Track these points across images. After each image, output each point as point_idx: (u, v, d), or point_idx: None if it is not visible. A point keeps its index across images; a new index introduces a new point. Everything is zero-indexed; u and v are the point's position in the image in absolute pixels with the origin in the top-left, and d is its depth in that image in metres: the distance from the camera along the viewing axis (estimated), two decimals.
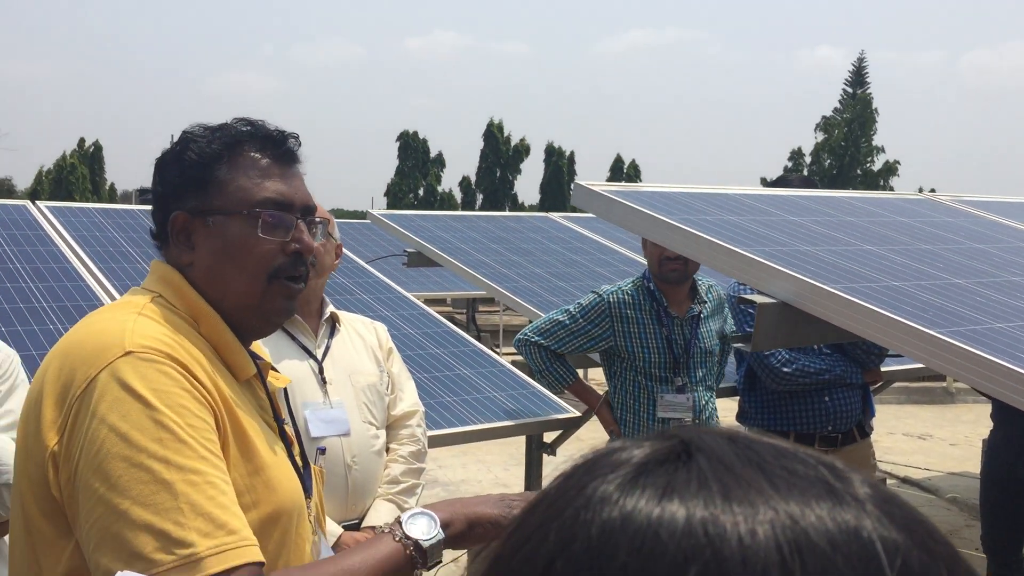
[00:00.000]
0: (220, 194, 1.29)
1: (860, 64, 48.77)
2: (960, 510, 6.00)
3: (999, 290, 2.16)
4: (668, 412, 3.17)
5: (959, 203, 3.24)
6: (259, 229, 1.29)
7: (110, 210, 4.47)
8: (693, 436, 0.43)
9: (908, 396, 9.36)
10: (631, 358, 3.20)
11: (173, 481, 1.06)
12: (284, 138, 1.35)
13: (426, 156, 44.26)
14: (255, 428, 1.24)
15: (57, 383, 1.16)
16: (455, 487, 6.39)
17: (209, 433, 1.14)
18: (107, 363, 1.12)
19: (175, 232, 1.31)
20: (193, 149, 1.31)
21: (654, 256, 3.17)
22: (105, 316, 1.24)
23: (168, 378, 1.13)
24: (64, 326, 3.23)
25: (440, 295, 9.38)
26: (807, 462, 0.42)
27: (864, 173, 46.13)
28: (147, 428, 1.08)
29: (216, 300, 1.30)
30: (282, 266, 1.31)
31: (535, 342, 3.29)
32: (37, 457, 1.15)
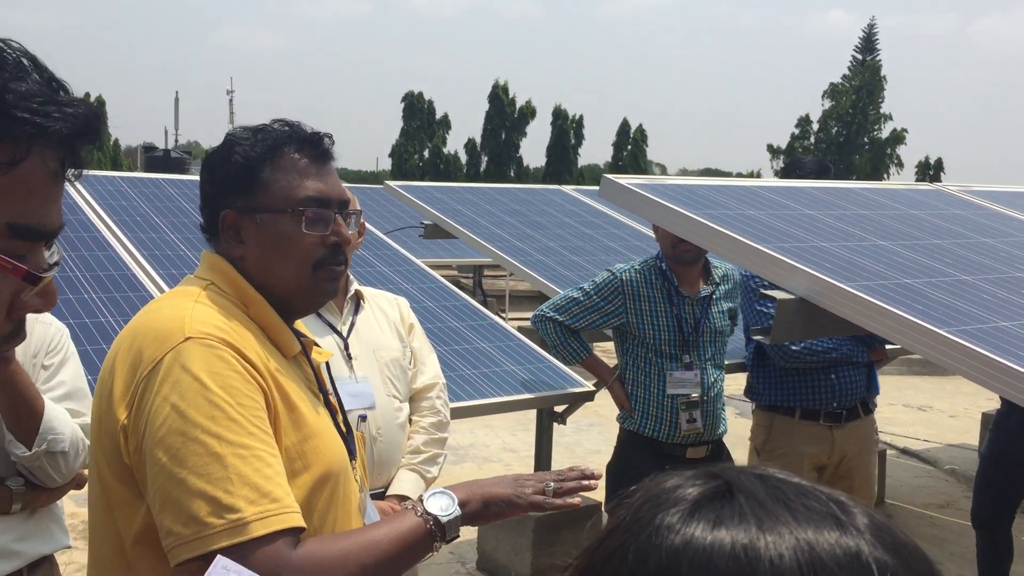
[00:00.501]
0: (266, 193, 1.43)
1: (871, 30, 48.31)
2: (958, 481, 6.13)
3: (1005, 287, 2.26)
4: (677, 388, 3.29)
5: (968, 194, 3.33)
6: (303, 225, 1.43)
7: (135, 179, 4.56)
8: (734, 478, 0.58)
9: (909, 368, 9.49)
10: (641, 335, 3.32)
11: (224, 454, 1.21)
12: (320, 139, 1.49)
13: (431, 117, 44.02)
14: (303, 399, 1.39)
15: (126, 364, 1.31)
16: (463, 451, 6.53)
17: (258, 411, 1.28)
18: (170, 348, 1.27)
19: (225, 228, 1.45)
20: (239, 152, 1.45)
21: (667, 238, 3.26)
22: (168, 303, 1.38)
23: (222, 361, 1.28)
24: (98, 295, 3.34)
25: (450, 261, 9.48)
26: (820, 499, 0.57)
27: (871, 141, 45.90)
28: (202, 407, 1.23)
29: (267, 287, 1.44)
30: (324, 257, 1.45)
31: (551, 317, 3.42)
32: (110, 429, 1.30)
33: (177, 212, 4.19)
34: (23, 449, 2.08)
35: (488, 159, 44.04)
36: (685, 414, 3.29)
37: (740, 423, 7.35)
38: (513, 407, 3.60)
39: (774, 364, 3.55)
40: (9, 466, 2.14)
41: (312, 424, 1.37)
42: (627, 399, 3.39)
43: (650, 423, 3.33)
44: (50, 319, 2.33)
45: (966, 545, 4.85)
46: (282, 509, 1.22)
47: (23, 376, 2.08)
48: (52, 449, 2.10)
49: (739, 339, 4.09)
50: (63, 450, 2.13)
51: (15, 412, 2.07)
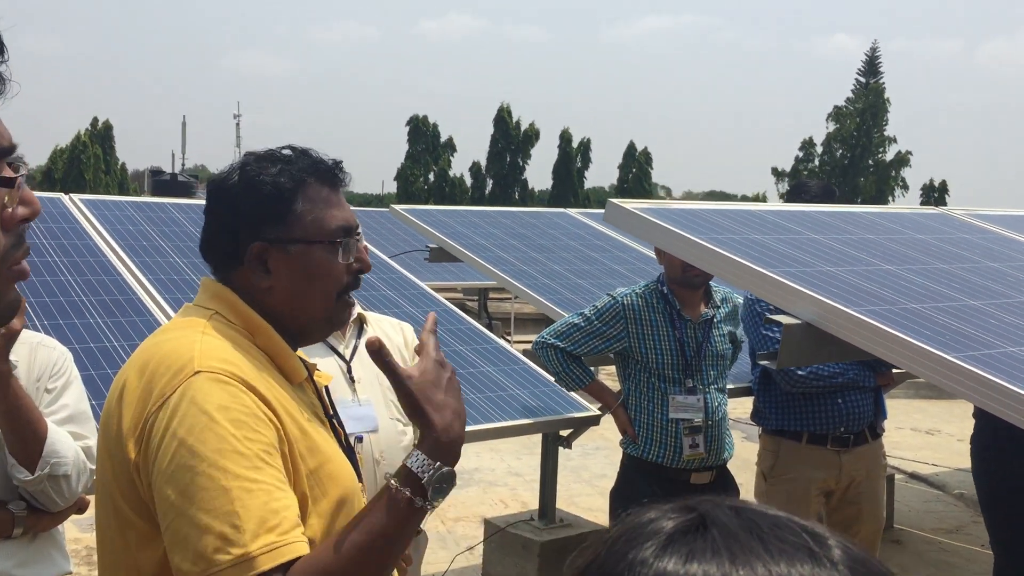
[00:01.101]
0: (299, 225, 1.44)
1: (873, 53, 48.49)
2: (967, 506, 6.08)
3: (1012, 312, 2.25)
4: (679, 413, 3.27)
5: (974, 218, 3.32)
6: (339, 256, 1.45)
7: (141, 203, 4.58)
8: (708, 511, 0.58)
9: (917, 391, 9.44)
10: (644, 360, 3.30)
11: (230, 488, 1.21)
12: (338, 167, 1.51)
13: (436, 141, 44.21)
14: (314, 426, 1.39)
15: (135, 398, 1.30)
16: (468, 475, 6.51)
17: (267, 446, 1.27)
18: (180, 383, 1.27)
19: (251, 259, 1.44)
20: (268, 183, 1.44)
21: (675, 264, 3.25)
22: (175, 335, 1.37)
23: (232, 396, 1.28)
24: (104, 320, 3.34)
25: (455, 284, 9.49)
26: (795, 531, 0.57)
27: (876, 164, 45.95)
28: (209, 441, 1.23)
29: (291, 317, 1.45)
30: (349, 284, 1.48)
31: (551, 344, 3.40)
32: (122, 463, 1.30)
33: (183, 236, 4.20)
34: (26, 473, 2.08)
35: (493, 182, 44.17)
36: (688, 439, 3.26)
37: (747, 447, 7.31)
38: (518, 431, 3.59)
39: (780, 388, 3.54)
40: (11, 490, 2.14)
41: (325, 449, 1.38)
42: (630, 424, 3.37)
43: (653, 448, 3.31)
44: (54, 343, 2.34)
45: (975, 571, 4.80)
46: (289, 540, 1.22)
47: (26, 399, 2.08)
48: (55, 473, 2.10)
49: (745, 363, 4.07)
50: (66, 474, 2.12)
51: (18, 435, 2.07)
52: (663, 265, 3.37)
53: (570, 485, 6.05)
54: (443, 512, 5.63)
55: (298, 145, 1.51)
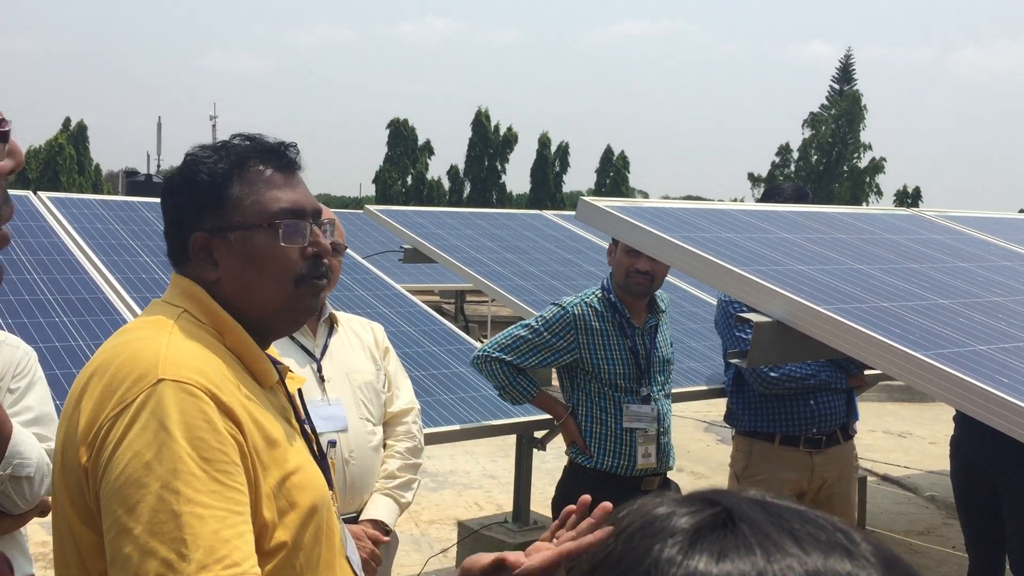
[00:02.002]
0: (237, 210, 1.36)
1: (847, 61, 48.95)
2: (938, 508, 6.12)
3: (981, 311, 2.26)
4: (634, 423, 3.17)
5: (944, 219, 3.34)
6: (280, 239, 1.36)
7: (110, 202, 4.53)
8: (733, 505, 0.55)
9: (889, 394, 9.51)
10: (596, 370, 3.19)
11: (181, 512, 1.14)
12: (285, 149, 1.42)
13: (415, 144, 44.16)
14: (282, 434, 1.32)
15: (92, 400, 1.23)
16: (443, 478, 6.47)
17: (226, 464, 1.20)
18: (141, 390, 1.20)
19: (196, 251, 1.37)
20: (203, 171, 1.37)
21: (622, 266, 3.16)
22: (140, 335, 1.30)
23: (194, 408, 1.20)
24: (69, 319, 3.29)
25: (432, 287, 9.45)
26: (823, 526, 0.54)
27: (851, 170, 46.36)
28: (165, 459, 1.16)
29: (247, 310, 1.37)
30: (304, 270, 1.38)
31: (496, 357, 3.23)
32: (73, 469, 1.23)
33: (153, 235, 4.15)
34: None
35: (471, 186, 44.18)
36: (642, 448, 3.18)
37: (721, 449, 7.33)
38: (490, 432, 3.57)
39: (753, 390, 3.54)
40: None
41: (293, 459, 1.31)
42: (580, 435, 3.25)
43: (607, 458, 3.20)
44: (17, 342, 2.29)
45: (947, 573, 4.83)
46: (238, 574, 1.15)
47: None
48: (17, 474, 2.05)
49: (719, 364, 4.08)
50: (28, 475, 2.08)
51: None
52: (611, 266, 3.27)
53: (544, 487, 6.03)
54: (417, 514, 5.60)
55: (249, 133, 1.43)
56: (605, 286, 3.27)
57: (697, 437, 8.00)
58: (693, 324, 4.61)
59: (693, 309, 4.83)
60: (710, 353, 4.34)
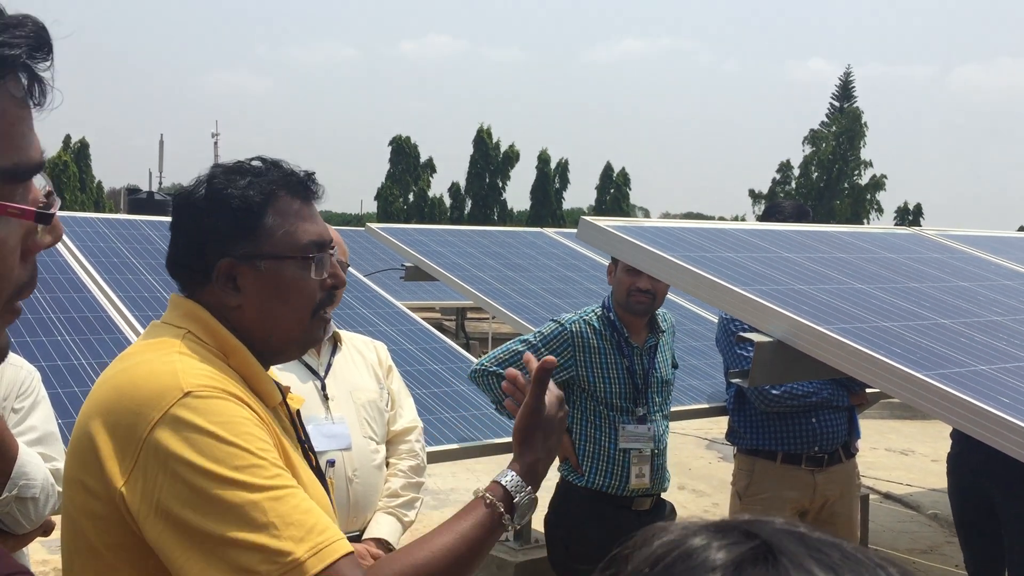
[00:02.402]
0: (269, 240, 1.38)
1: (847, 78, 49.16)
2: (941, 526, 6.11)
3: (982, 331, 2.26)
4: (629, 443, 3.15)
5: (945, 238, 3.35)
6: (312, 272, 1.39)
7: (113, 220, 4.54)
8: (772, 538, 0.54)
9: (891, 411, 9.49)
10: (592, 388, 3.17)
11: (259, 500, 1.16)
12: (310, 179, 1.45)
13: (417, 161, 44.30)
14: (293, 452, 1.34)
15: (116, 424, 1.22)
16: (444, 496, 6.46)
17: (274, 452, 1.24)
18: (170, 405, 1.20)
19: (219, 276, 1.37)
20: (235, 196, 1.38)
21: (623, 285, 3.16)
22: (149, 357, 1.29)
23: (228, 410, 1.22)
24: (72, 338, 3.30)
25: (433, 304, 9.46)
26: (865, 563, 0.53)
27: (851, 187, 46.45)
28: (222, 458, 1.17)
29: (263, 337, 1.39)
30: (322, 301, 1.42)
31: (493, 371, 3.22)
32: (102, 496, 1.21)
33: (155, 253, 4.16)
34: None
35: (472, 202, 44.27)
36: (636, 468, 3.15)
37: (723, 467, 7.31)
38: (494, 451, 3.57)
39: (755, 408, 3.54)
40: None
41: (303, 477, 1.32)
42: (574, 452, 3.23)
43: (599, 477, 3.18)
44: (20, 362, 2.30)
45: None
46: (330, 539, 1.18)
47: None
48: (23, 495, 2.05)
49: (721, 383, 4.08)
50: (34, 496, 2.08)
51: None
52: (612, 285, 3.27)
53: (546, 506, 6.01)
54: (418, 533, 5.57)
55: (269, 156, 1.44)
56: (605, 304, 3.27)
57: (699, 455, 7.98)
58: (694, 342, 4.61)
59: (694, 327, 4.84)
60: (711, 371, 4.34)
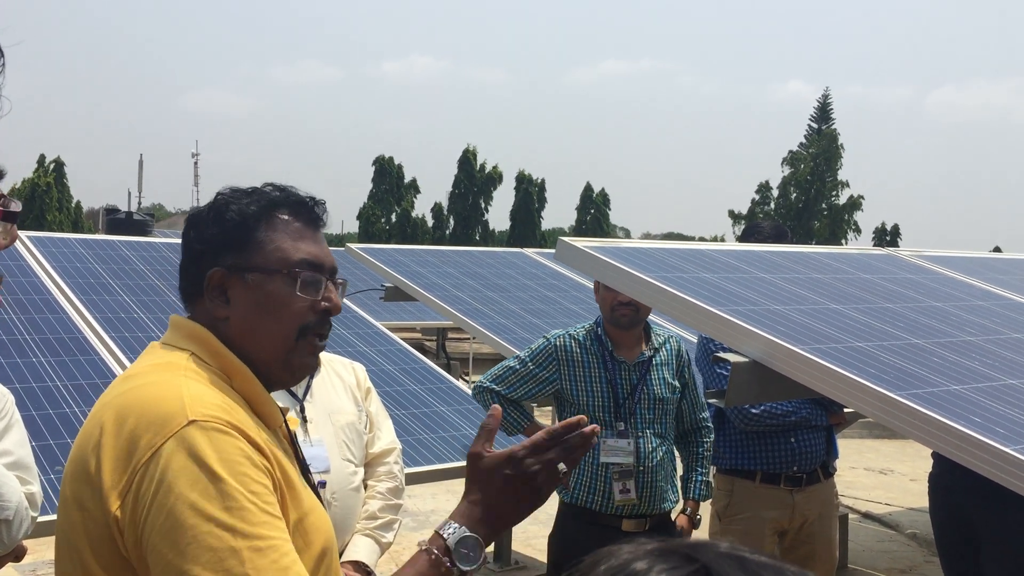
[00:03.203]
0: (259, 253, 1.38)
1: (825, 100, 49.68)
2: (920, 546, 6.12)
3: (955, 350, 2.29)
4: (610, 457, 3.16)
5: (920, 259, 3.39)
6: (296, 288, 1.38)
7: (90, 240, 4.51)
8: (712, 562, 0.55)
9: (870, 431, 9.53)
10: (575, 401, 3.22)
11: (239, 548, 1.14)
12: (314, 204, 1.46)
13: (400, 181, 44.30)
14: (296, 475, 1.33)
15: (116, 447, 1.21)
16: (424, 517, 6.42)
17: (268, 496, 1.21)
18: (172, 432, 1.19)
19: (211, 287, 1.39)
20: (233, 210, 1.40)
21: (607, 301, 3.21)
22: (155, 379, 1.29)
23: (229, 446, 1.21)
24: (47, 359, 3.27)
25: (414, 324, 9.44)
26: None
27: (829, 207, 46.85)
28: (213, 497, 1.16)
29: (248, 353, 1.38)
30: (311, 323, 1.40)
31: (487, 388, 3.31)
32: (97, 518, 1.21)
33: (133, 274, 4.14)
34: None
35: (455, 223, 44.31)
36: (618, 483, 3.15)
37: None
38: None
39: (734, 428, 3.55)
40: None
41: (306, 501, 1.32)
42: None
43: (583, 493, 3.20)
44: None
45: None
46: None
47: None
48: None
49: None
50: (7, 518, 2.05)
51: None
52: (598, 303, 3.30)
53: (526, 527, 5.99)
54: (398, 555, 5.54)
55: (280, 183, 1.47)
56: (597, 320, 3.33)
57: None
58: None
59: None
60: None
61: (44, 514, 2.30)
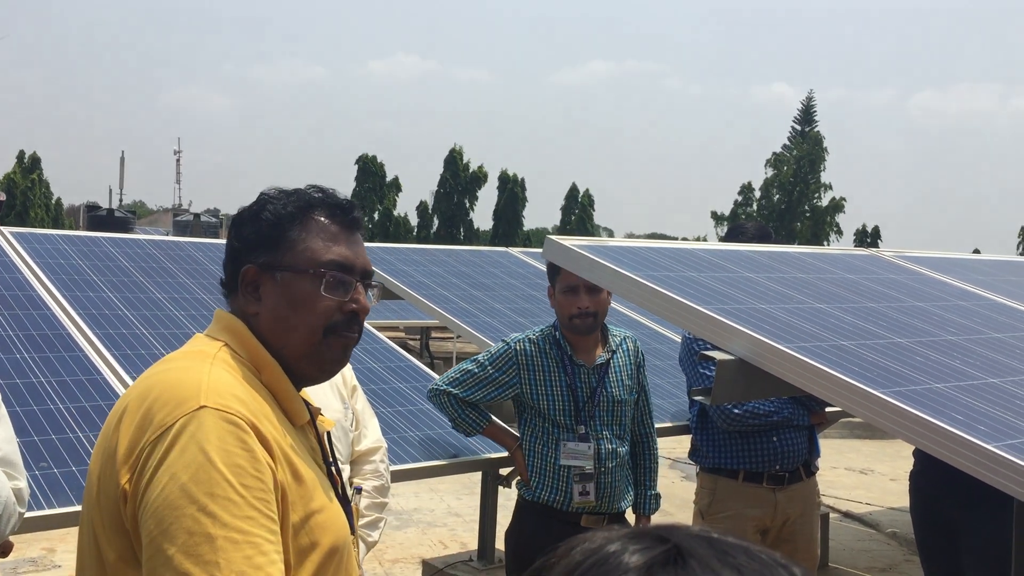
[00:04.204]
0: (290, 253, 1.44)
1: (809, 103, 49.95)
2: (900, 544, 6.18)
3: (936, 349, 2.32)
4: (570, 460, 3.18)
5: (902, 259, 3.42)
6: (322, 288, 1.43)
7: (73, 237, 4.49)
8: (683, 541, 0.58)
9: (851, 431, 9.61)
10: (536, 405, 3.23)
11: (216, 536, 1.16)
12: (352, 207, 1.51)
13: (383, 180, 44.20)
14: (310, 472, 1.35)
15: (133, 424, 1.27)
16: (407, 516, 6.42)
17: (262, 492, 1.23)
18: (183, 414, 1.24)
19: (245, 283, 1.45)
20: (270, 210, 1.46)
21: (563, 308, 3.23)
22: (183, 364, 1.35)
23: (233, 436, 1.24)
24: (31, 355, 3.25)
25: (397, 323, 9.43)
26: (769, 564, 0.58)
27: (812, 209, 47.11)
28: (203, 482, 1.19)
29: (277, 348, 1.43)
30: (338, 323, 1.44)
31: (444, 390, 3.31)
32: (110, 491, 1.26)
33: (116, 271, 4.12)
34: None
35: (439, 222, 44.25)
36: (578, 486, 3.18)
37: (686, 486, 7.34)
38: (457, 469, 3.56)
39: (718, 427, 3.58)
40: None
41: (318, 499, 1.34)
42: (526, 468, 3.29)
43: (545, 492, 3.23)
44: None
45: None
46: None
47: None
48: None
49: (684, 401, 4.12)
50: None
51: None
52: (554, 308, 3.32)
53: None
54: (381, 553, 5.54)
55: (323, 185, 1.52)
56: (556, 323, 3.34)
57: (662, 474, 8.00)
58: (657, 361, 4.65)
59: (657, 346, 4.88)
60: (675, 390, 4.38)
61: (29, 510, 2.29)
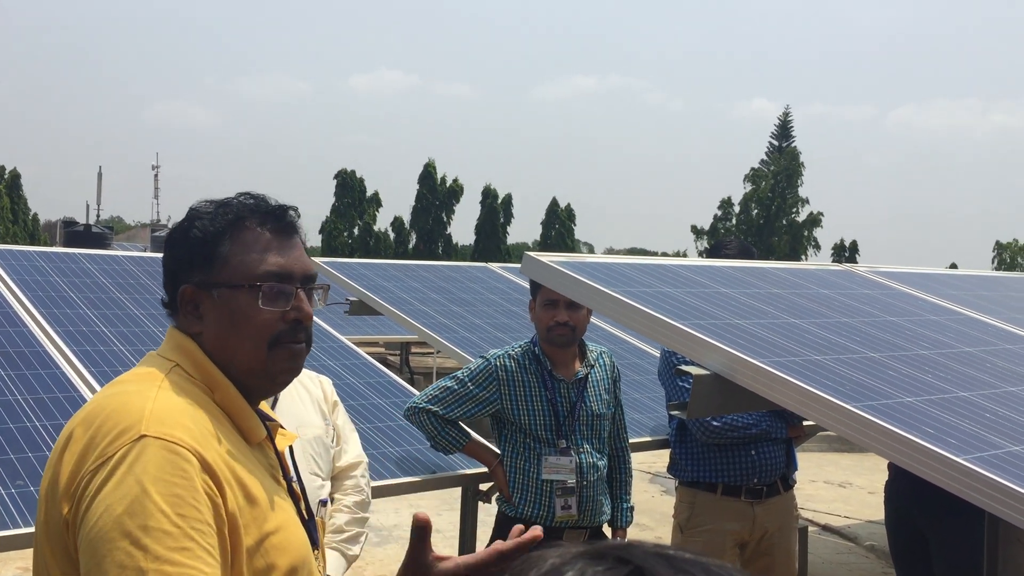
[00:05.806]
0: (224, 268, 1.40)
1: (786, 118, 50.42)
2: (877, 557, 6.22)
3: (909, 364, 2.35)
4: (552, 474, 3.20)
5: (876, 275, 3.47)
6: (260, 300, 1.39)
7: (50, 253, 4.46)
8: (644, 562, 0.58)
9: (829, 444, 9.66)
10: (517, 421, 3.24)
11: (147, 570, 1.15)
12: (284, 212, 1.46)
13: (363, 195, 44.12)
14: (264, 493, 1.33)
15: (75, 452, 1.25)
16: (387, 532, 6.39)
17: (200, 523, 1.21)
18: (122, 445, 1.22)
19: (184, 303, 1.42)
20: (198, 226, 1.42)
21: (542, 322, 3.25)
22: (129, 388, 1.32)
23: (172, 466, 1.21)
24: (6, 372, 3.23)
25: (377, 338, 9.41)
26: None
27: (789, 224, 47.46)
28: (137, 514, 1.17)
29: (225, 365, 1.40)
30: (282, 333, 1.41)
31: (423, 408, 3.30)
32: (55, 521, 1.25)
33: (94, 287, 4.10)
34: None
35: (417, 237, 44.20)
36: (560, 500, 3.19)
37: (665, 500, 7.36)
38: (436, 485, 3.56)
39: (696, 440, 3.60)
40: None
41: (274, 518, 1.32)
42: (507, 484, 3.30)
43: (527, 507, 3.24)
44: None
45: None
46: None
47: None
48: None
49: (662, 416, 4.14)
50: None
51: None
52: (533, 322, 3.34)
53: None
54: (361, 570, 5.51)
55: (253, 192, 1.47)
56: (533, 339, 3.36)
57: (642, 489, 8.03)
58: (636, 376, 4.67)
59: (636, 361, 4.90)
60: (654, 404, 4.40)
61: (6, 528, 2.28)
